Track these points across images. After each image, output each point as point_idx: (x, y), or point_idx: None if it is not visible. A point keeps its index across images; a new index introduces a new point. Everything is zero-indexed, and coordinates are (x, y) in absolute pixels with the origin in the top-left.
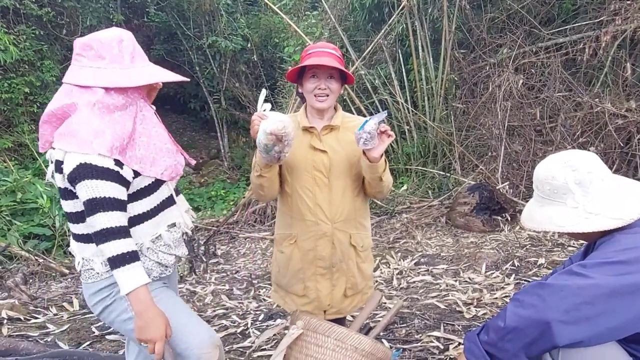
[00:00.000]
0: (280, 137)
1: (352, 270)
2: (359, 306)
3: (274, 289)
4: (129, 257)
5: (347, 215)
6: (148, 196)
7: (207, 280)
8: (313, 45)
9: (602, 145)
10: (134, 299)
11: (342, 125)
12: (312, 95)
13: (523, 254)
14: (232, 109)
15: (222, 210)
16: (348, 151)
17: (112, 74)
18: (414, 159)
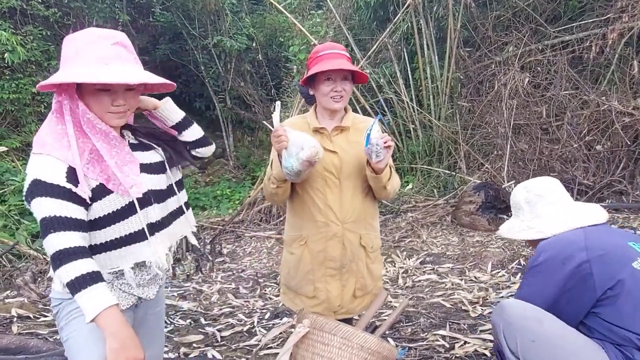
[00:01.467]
0: (313, 163)
1: (361, 271)
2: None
3: (283, 291)
4: (90, 279)
5: (357, 215)
6: (110, 225)
7: (213, 279)
8: (322, 47)
9: (609, 143)
10: (103, 323)
11: (352, 127)
12: (328, 98)
13: (529, 252)
14: (238, 108)
15: (228, 210)
16: (358, 152)
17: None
18: (419, 158)
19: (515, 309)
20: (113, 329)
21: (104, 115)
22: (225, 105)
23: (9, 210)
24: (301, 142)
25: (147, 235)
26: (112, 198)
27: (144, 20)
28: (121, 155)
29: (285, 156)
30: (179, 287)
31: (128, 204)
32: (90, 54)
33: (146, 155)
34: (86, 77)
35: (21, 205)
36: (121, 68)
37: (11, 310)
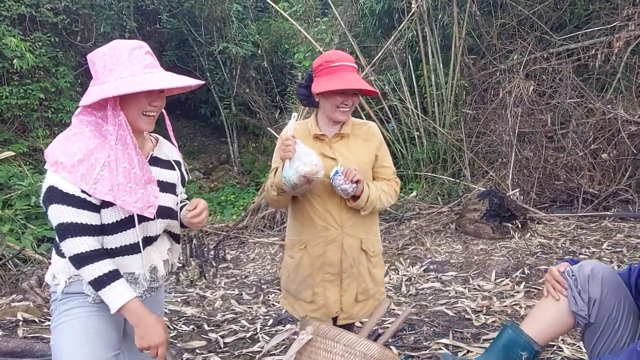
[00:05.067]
0: (311, 180)
1: (363, 276)
2: (371, 312)
3: (284, 295)
4: (107, 279)
5: (356, 219)
6: (112, 234)
7: (216, 284)
8: (334, 56)
9: (614, 152)
10: (126, 313)
11: (352, 133)
12: (336, 108)
13: (533, 261)
14: (242, 114)
15: (232, 215)
16: (358, 158)
17: (92, 90)
18: (424, 165)
19: None
20: (136, 319)
21: (138, 118)
22: (230, 112)
23: (15, 215)
24: (305, 158)
25: (140, 249)
26: (117, 208)
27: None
28: (149, 172)
29: (287, 166)
30: (183, 292)
31: (129, 216)
32: (134, 64)
33: (166, 174)
34: (155, 84)
35: (27, 210)
36: (163, 74)
37: (17, 314)
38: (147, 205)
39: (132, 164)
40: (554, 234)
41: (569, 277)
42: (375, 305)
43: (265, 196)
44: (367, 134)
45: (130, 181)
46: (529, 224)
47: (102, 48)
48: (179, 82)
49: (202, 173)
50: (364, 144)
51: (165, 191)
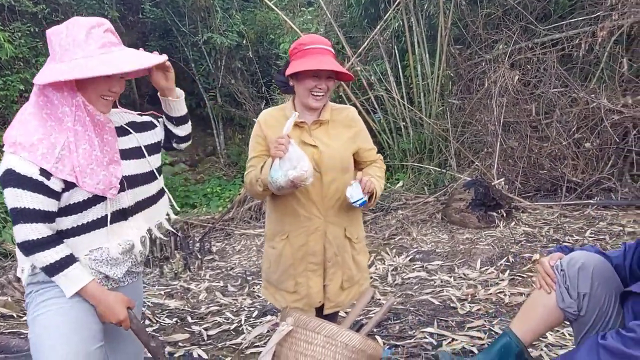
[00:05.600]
0: (297, 185)
1: (347, 263)
2: (356, 298)
3: (264, 285)
4: (60, 265)
5: (339, 208)
6: (74, 214)
7: (201, 277)
8: (307, 39)
9: (597, 141)
10: (85, 296)
11: (331, 119)
12: (309, 93)
13: (518, 249)
14: (228, 106)
15: (218, 207)
16: (339, 144)
17: (47, 68)
18: (410, 155)
19: None
20: (95, 300)
21: (96, 101)
22: (215, 103)
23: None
24: (296, 162)
25: (106, 223)
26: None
27: (133, 17)
28: (111, 152)
29: (276, 167)
30: (167, 285)
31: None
32: (90, 44)
33: (123, 141)
34: (110, 68)
35: None
36: (123, 54)
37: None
38: (109, 186)
39: (93, 145)
40: (538, 223)
41: (557, 272)
42: (360, 291)
43: (246, 187)
44: (347, 120)
45: (91, 162)
46: (514, 213)
47: (61, 25)
48: (134, 64)
49: (187, 165)
50: (345, 130)
51: (128, 158)
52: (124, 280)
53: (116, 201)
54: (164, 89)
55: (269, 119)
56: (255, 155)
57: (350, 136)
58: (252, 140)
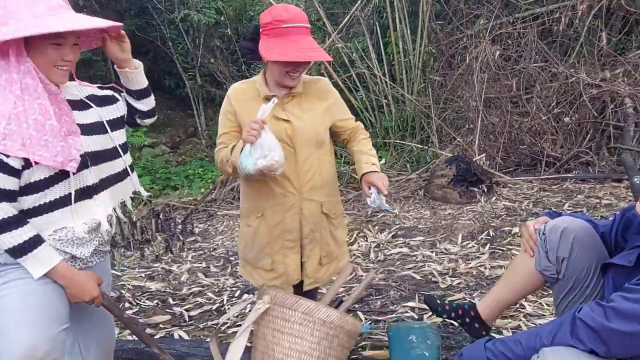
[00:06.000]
0: (266, 174)
1: (325, 239)
2: (335, 273)
3: (242, 264)
4: (28, 246)
5: (314, 183)
6: (35, 193)
7: (183, 258)
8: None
9: (576, 115)
10: (54, 277)
11: (304, 91)
12: (285, 74)
13: (498, 223)
14: (208, 85)
15: (200, 189)
16: (312, 118)
17: None
18: (392, 133)
19: None
20: (65, 281)
21: (49, 71)
22: (195, 83)
23: None
24: (267, 150)
25: (70, 201)
26: (43, 165)
27: None
28: (69, 122)
29: (246, 153)
30: (147, 267)
31: (61, 170)
32: (38, 5)
33: (82, 115)
34: (59, 25)
35: None
36: (74, 16)
37: None
38: (68, 159)
39: (47, 115)
40: (518, 197)
41: (539, 235)
42: (339, 266)
43: (217, 165)
44: (321, 92)
45: (45, 134)
46: (495, 188)
47: None
48: (87, 24)
49: (168, 147)
50: (318, 103)
51: (90, 133)
52: (91, 260)
53: (80, 179)
54: (120, 61)
55: (239, 93)
56: (224, 131)
57: (325, 109)
58: (221, 115)
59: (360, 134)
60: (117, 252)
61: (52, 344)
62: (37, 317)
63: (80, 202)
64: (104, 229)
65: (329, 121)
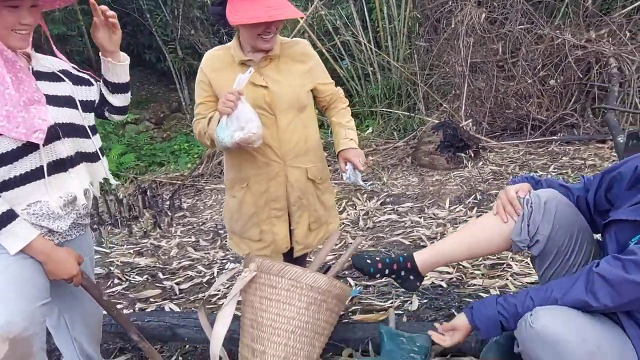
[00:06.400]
0: (245, 148)
1: (313, 205)
2: (326, 238)
3: (229, 236)
4: (2, 221)
5: (298, 150)
6: (3, 166)
7: (172, 233)
8: None
9: (561, 77)
10: (31, 252)
11: (281, 54)
12: (257, 36)
13: (485, 187)
14: (190, 58)
15: (187, 164)
16: (291, 82)
17: None
18: (379, 102)
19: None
20: (43, 257)
21: (7, 36)
22: (176, 56)
23: None
24: (244, 122)
25: (43, 174)
26: (8, 137)
27: None
28: (29, 92)
29: (223, 125)
30: (136, 244)
31: (28, 142)
32: None
33: (53, 87)
34: None
35: None
36: None
37: None
38: (32, 129)
39: (4, 83)
40: (504, 161)
41: (526, 205)
42: (329, 230)
43: (197, 138)
44: (299, 55)
45: (5, 104)
46: (481, 153)
47: None
48: None
49: (152, 123)
50: (297, 66)
51: (61, 106)
52: (70, 233)
53: (52, 151)
54: (105, 51)
55: (213, 61)
56: (200, 101)
57: (305, 72)
58: (196, 85)
59: (340, 102)
60: (104, 230)
61: (30, 320)
62: (14, 292)
63: (55, 175)
64: (81, 203)
65: (310, 84)
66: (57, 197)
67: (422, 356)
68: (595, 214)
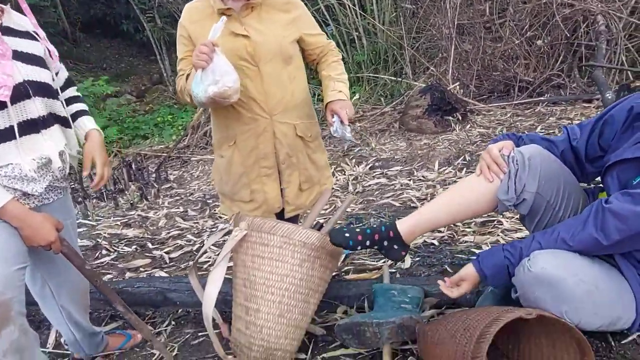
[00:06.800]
0: (221, 103)
1: (303, 163)
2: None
3: (221, 200)
4: None
5: (286, 104)
6: None
7: (159, 205)
8: None
9: (548, 38)
10: (5, 217)
11: (263, 2)
12: None
13: (474, 149)
14: (170, 27)
15: (171, 136)
16: (274, 31)
17: None
18: (365, 67)
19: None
20: (18, 222)
21: None
22: (155, 25)
23: None
24: (219, 76)
25: (15, 135)
26: None
27: None
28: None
29: (197, 79)
30: (123, 216)
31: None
32: None
33: (24, 44)
34: None
35: None
36: None
37: None
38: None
39: None
40: (492, 123)
41: (512, 163)
42: (321, 191)
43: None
44: (282, 4)
45: None
46: (469, 116)
47: None
48: None
49: (134, 96)
50: (280, 15)
51: (32, 63)
52: (48, 197)
53: (21, 110)
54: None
55: (192, 13)
56: (182, 57)
57: (289, 21)
58: (177, 41)
59: (331, 56)
60: (90, 203)
61: (5, 284)
62: None
63: (26, 136)
64: (56, 166)
65: (295, 34)
66: (30, 159)
67: (413, 306)
68: (587, 162)
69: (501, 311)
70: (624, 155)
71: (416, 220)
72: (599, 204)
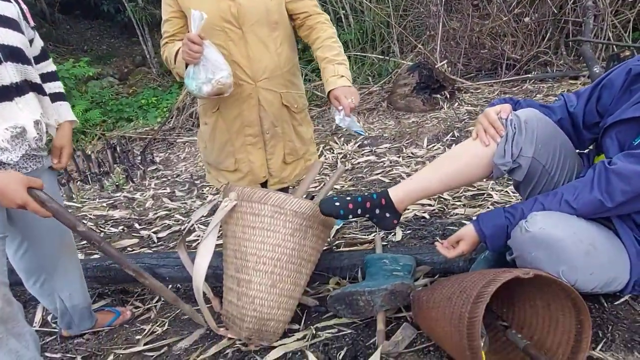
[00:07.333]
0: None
1: (288, 135)
2: (303, 175)
3: (207, 170)
4: None
5: (271, 71)
6: None
7: (146, 186)
8: None
9: (536, 15)
10: None
11: None
12: None
13: (462, 126)
14: (152, 7)
15: (156, 118)
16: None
17: None
18: (352, 47)
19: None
20: None
21: None
22: (136, 5)
23: None
24: (212, 73)
25: None
26: None
27: None
28: None
29: (190, 73)
30: (108, 197)
31: None
32: None
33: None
34: None
35: None
36: None
37: None
38: None
39: None
40: (479, 101)
41: (510, 126)
42: (306, 167)
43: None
44: None
45: None
46: (457, 94)
47: None
48: None
49: (116, 79)
50: None
51: (4, 26)
52: (25, 166)
53: None
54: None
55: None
56: (166, 18)
57: None
58: (162, 1)
59: (322, 31)
60: (74, 185)
61: None
62: None
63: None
64: (31, 136)
65: None
66: (3, 129)
67: (405, 273)
68: (584, 129)
69: (498, 272)
70: (623, 116)
71: (409, 187)
72: (602, 165)
